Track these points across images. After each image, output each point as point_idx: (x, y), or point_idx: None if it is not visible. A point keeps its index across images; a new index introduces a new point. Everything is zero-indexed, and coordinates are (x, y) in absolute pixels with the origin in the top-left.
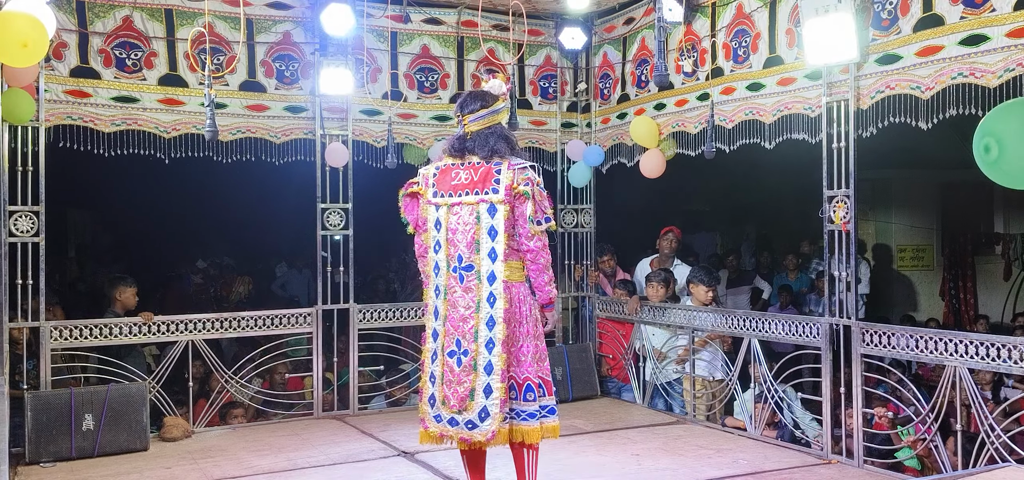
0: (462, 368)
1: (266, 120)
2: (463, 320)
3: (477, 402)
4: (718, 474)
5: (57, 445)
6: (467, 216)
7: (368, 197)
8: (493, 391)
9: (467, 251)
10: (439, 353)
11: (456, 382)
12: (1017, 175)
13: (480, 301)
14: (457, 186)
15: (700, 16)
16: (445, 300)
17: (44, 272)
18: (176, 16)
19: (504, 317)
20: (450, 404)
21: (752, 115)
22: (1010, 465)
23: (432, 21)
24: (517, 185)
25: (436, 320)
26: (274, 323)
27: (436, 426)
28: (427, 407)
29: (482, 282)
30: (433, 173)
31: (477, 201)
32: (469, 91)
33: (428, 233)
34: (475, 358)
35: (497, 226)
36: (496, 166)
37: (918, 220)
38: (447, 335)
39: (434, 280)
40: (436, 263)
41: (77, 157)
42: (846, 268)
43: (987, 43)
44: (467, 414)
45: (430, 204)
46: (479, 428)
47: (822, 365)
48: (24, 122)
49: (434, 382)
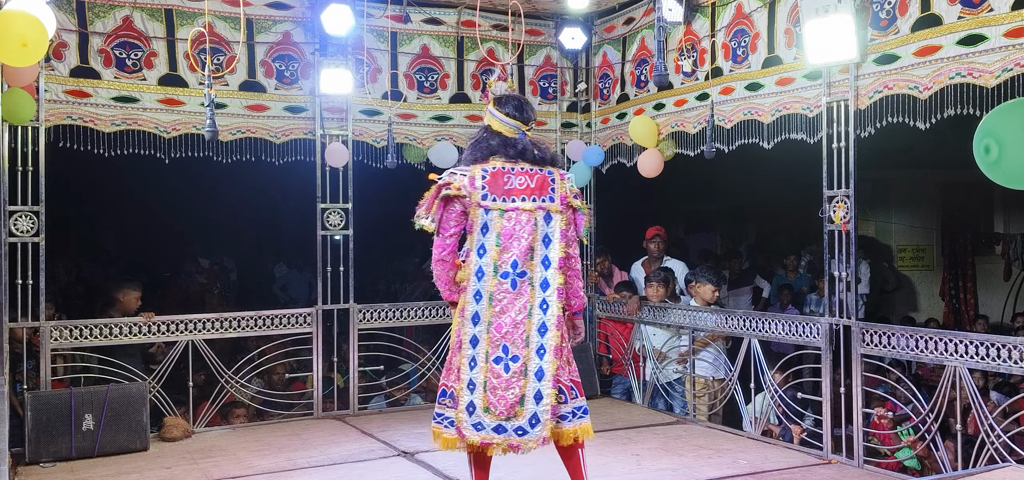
0: (511, 374)
1: (266, 120)
2: (515, 326)
3: (527, 408)
4: (718, 474)
5: (57, 445)
6: (525, 222)
7: (368, 197)
8: (544, 397)
9: (522, 258)
10: (480, 360)
11: (503, 388)
12: (1017, 175)
13: (533, 307)
14: (511, 191)
15: (700, 16)
16: (489, 305)
17: (44, 272)
18: (176, 16)
19: (557, 323)
20: (496, 411)
21: (751, 115)
22: (1010, 465)
23: (432, 21)
24: (570, 196)
25: (475, 326)
26: (274, 323)
27: (476, 435)
28: (464, 415)
29: (535, 288)
30: (482, 175)
31: (535, 207)
32: (519, 96)
33: (473, 236)
34: (526, 364)
35: (552, 234)
36: (549, 174)
37: (918, 220)
38: (492, 342)
39: (475, 285)
40: (479, 268)
41: (77, 156)
42: (846, 268)
43: (985, 43)
44: (517, 420)
45: (479, 207)
46: (530, 434)
47: (822, 365)
48: (24, 122)
49: (474, 390)
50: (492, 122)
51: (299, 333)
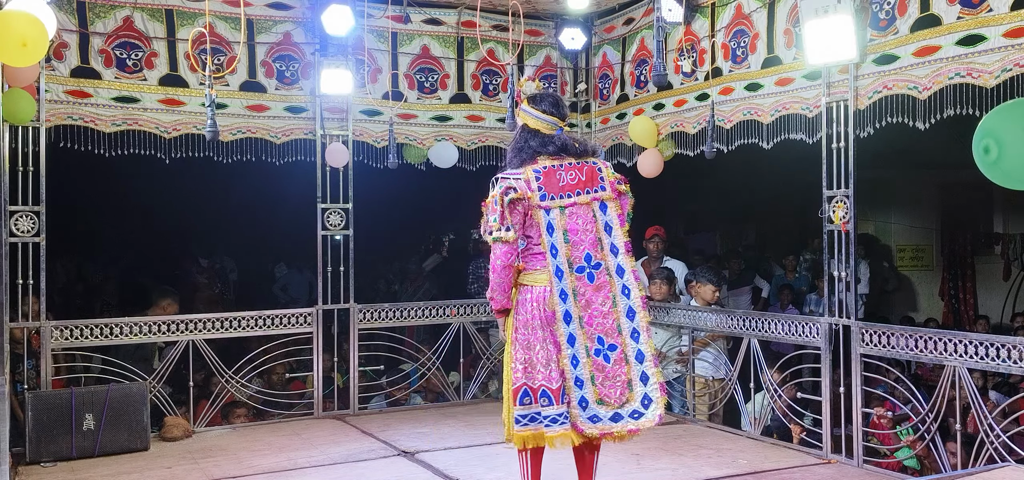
0: (613, 363)
1: (266, 120)
2: (604, 317)
3: (636, 392)
4: (718, 474)
5: (58, 445)
6: (585, 215)
7: (369, 197)
8: (649, 377)
9: (593, 250)
10: (581, 356)
11: (611, 378)
12: (1017, 175)
13: (616, 296)
14: (565, 187)
15: (699, 16)
16: (576, 302)
17: (44, 272)
18: (176, 16)
19: (642, 304)
20: (611, 401)
21: (750, 115)
22: (1010, 465)
23: (432, 21)
24: (617, 182)
25: (569, 325)
26: (274, 323)
27: (595, 427)
28: (578, 411)
29: (612, 277)
30: (535, 176)
31: (590, 199)
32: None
33: (541, 239)
34: (625, 350)
35: (611, 221)
36: (595, 164)
37: (918, 220)
38: (588, 336)
39: (558, 284)
40: (557, 268)
41: (77, 156)
42: (846, 268)
43: (984, 43)
44: (631, 405)
45: (540, 208)
46: (646, 415)
47: (822, 365)
48: (25, 122)
49: (582, 386)
50: (528, 120)
51: (299, 333)
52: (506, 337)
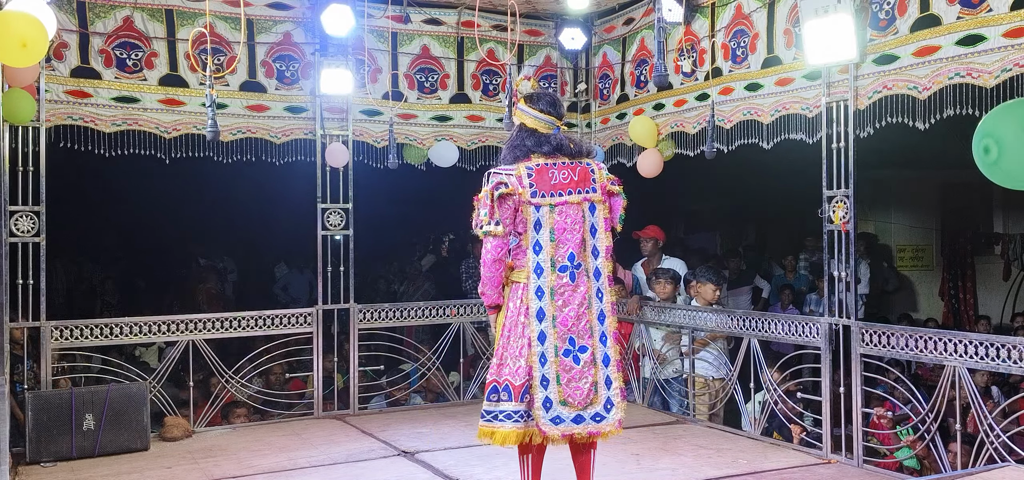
0: (582, 365)
1: (266, 120)
2: (577, 318)
3: (601, 395)
4: (718, 474)
5: (58, 445)
6: (574, 215)
7: (369, 197)
8: (613, 382)
9: (577, 250)
10: (550, 355)
11: (577, 379)
12: (1017, 175)
13: (590, 298)
14: (557, 185)
15: (699, 16)
16: (552, 300)
17: (44, 272)
18: (177, 16)
19: (612, 310)
20: (574, 402)
21: (750, 115)
22: (1010, 465)
23: (432, 21)
24: (610, 183)
25: (541, 322)
26: (274, 323)
27: (556, 428)
28: (541, 412)
29: (590, 279)
30: (527, 173)
31: (581, 199)
32: (551, 93)
33: (527, 234)
34: (594, 353)
35: (597, 223)
36: (588, 165)
37: (918, 220)
38: (559, 336)
39: (536, 281)
40: (537, 264)
41: (77, 156)
42: (846, 268)
43: (984, 43)
44: (593, 408)
45: (529, 204)
46: (607, 419)
47: (822, 365)
48: (25, 122)
49: (548, 385)
50: (526, 120)
51: (299, 333)
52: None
